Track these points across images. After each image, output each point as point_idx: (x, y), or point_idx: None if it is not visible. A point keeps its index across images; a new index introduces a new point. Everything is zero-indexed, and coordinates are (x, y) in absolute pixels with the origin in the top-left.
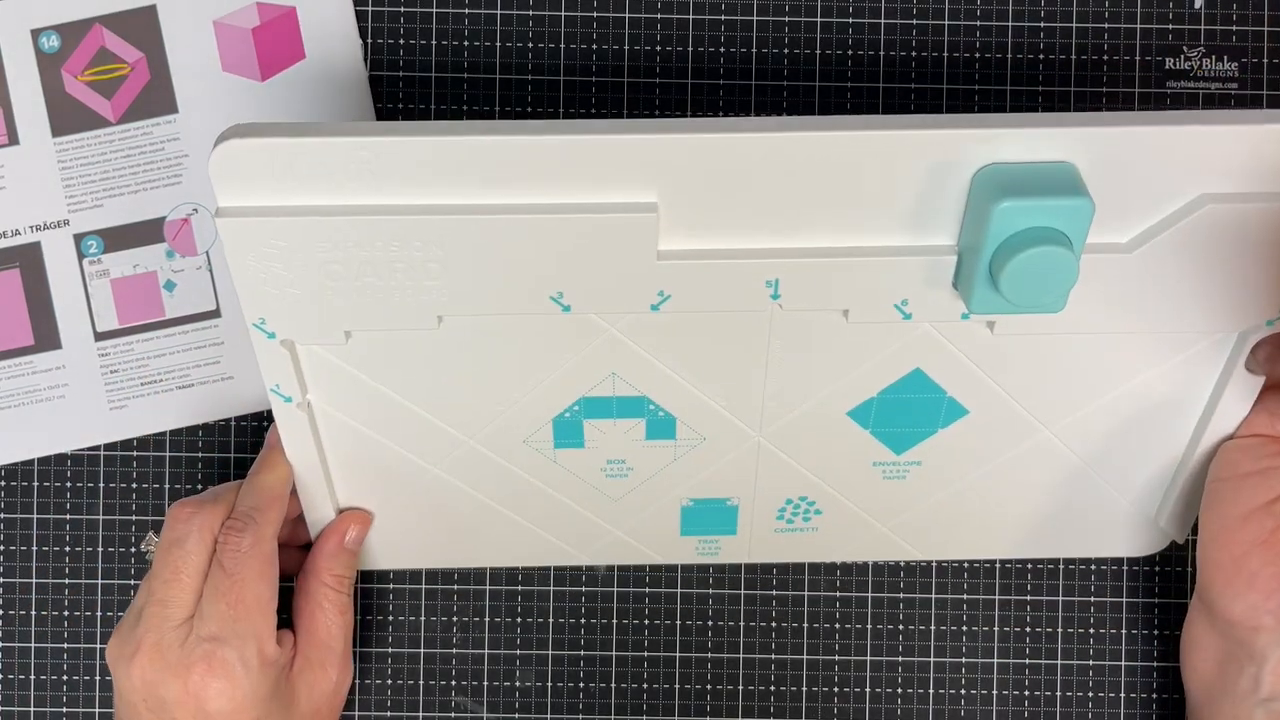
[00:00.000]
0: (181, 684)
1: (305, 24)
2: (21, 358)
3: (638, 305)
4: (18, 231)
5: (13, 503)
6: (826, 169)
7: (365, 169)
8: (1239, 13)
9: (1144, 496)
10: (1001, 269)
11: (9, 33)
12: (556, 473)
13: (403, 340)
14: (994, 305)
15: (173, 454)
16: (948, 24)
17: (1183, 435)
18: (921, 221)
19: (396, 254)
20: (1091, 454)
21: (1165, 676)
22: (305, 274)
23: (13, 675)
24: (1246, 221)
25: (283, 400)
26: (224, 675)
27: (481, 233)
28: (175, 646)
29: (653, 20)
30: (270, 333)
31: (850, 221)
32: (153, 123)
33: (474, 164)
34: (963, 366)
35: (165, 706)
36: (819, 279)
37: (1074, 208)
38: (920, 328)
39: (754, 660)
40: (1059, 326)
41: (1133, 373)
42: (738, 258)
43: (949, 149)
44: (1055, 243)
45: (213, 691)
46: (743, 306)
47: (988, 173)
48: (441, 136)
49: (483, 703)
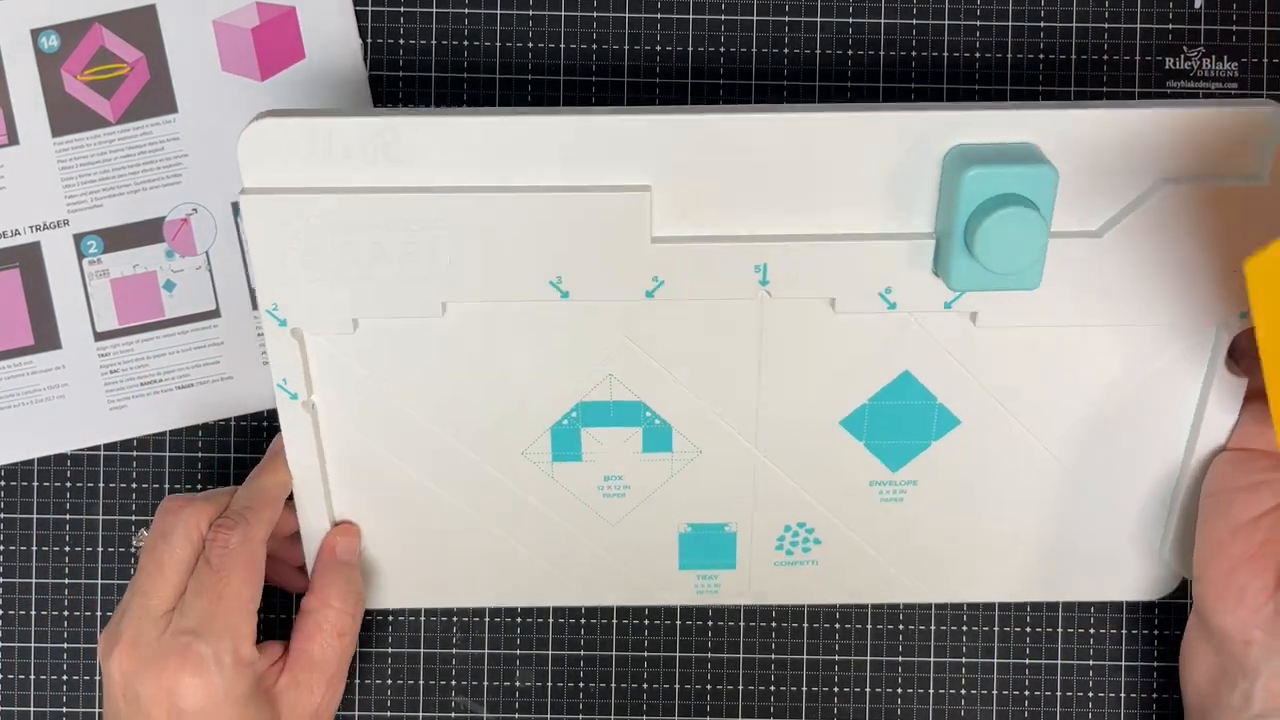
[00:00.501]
0: (155, 678)
1: (305, 24)
2: (21, 358)
3: (633, 291)
4: (17, 231)
5: (13, 503)
6: (808, 152)
7: (384, 151)
8: (1239, 13)
9: (1147, 524)
10: (975, 234)
11: (9, 33)
12: (554, 490)
13: (407, 334)
14: (972, 279)
15: (173, 454)
16: (948, 24)
17: (1176, 450)
18: (900, 207)
19: (406, 236)
20: (1089, 474)
21: (1165, 676)
22: (320, 256)
23: (13, 675)
24: (1203, 203)
25: (288, 397)
26: (198, 671)
27: (486, 212)
28: (153, 639)
29: (653, 20)
30: (282, 320)
31: (834, 208)
32: (152, 122)
33: (483, 145)
34: (950, 368)
35: (140, 701)
36: (805, 264)
37: (1038, 174)
38: (907, 325)
39: (754, 660)
40: (1038, 316)
41: (1117, 377)
42: (728, 241)
43: (920, 130)
44: (1023, 205)
45: (186, 687)
46: (733, 293)
47: (957, 152)
48: (456, 117)
49: (483, 703)
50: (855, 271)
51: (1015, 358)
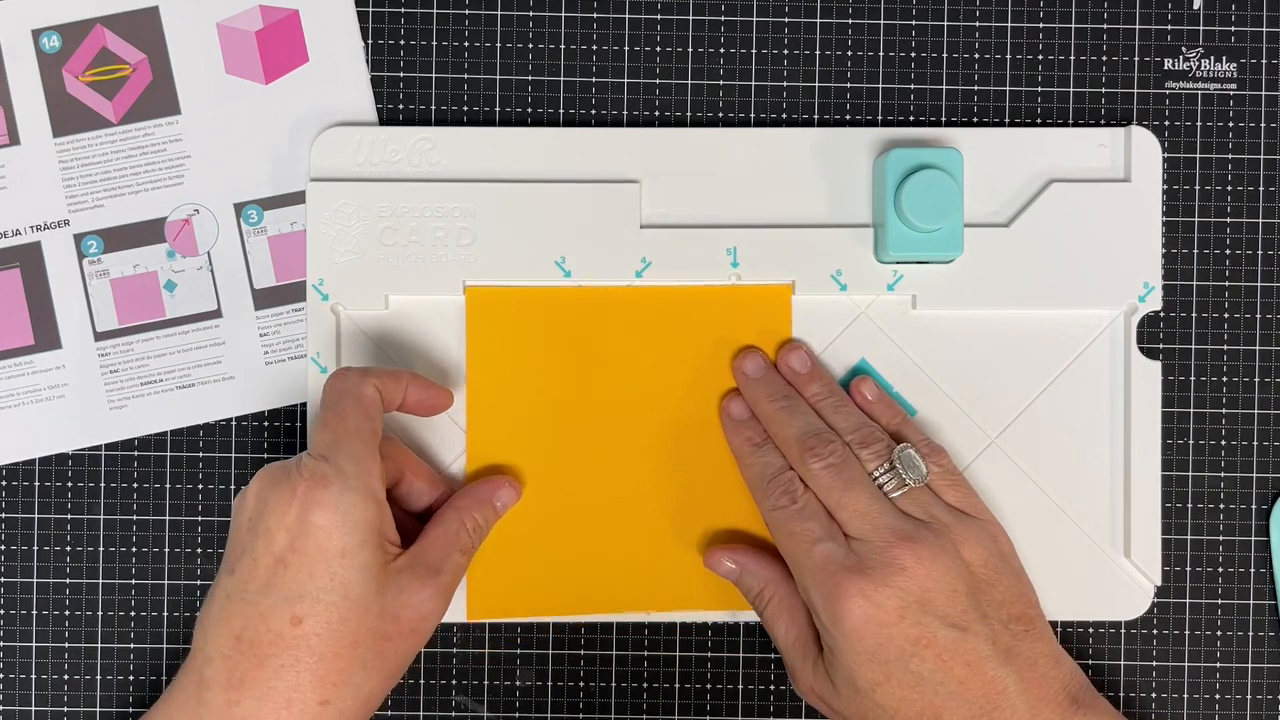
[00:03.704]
0: (288, 492)
1: (308, 26)
2: (21, 357)
3: (625, 271)
4: (18, 231)
5: (13, 503)
6: (766, 159)
7: (425, 156)
8: (1238, 13)
9: (1111, 532)
10: (901, 193)
11: (10, 33)
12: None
13: (427, 318)
14: (904, 243)
15: (173, 454)
16: (947, 24)
17: (1118, 447)
18: (847, 203)
19: (437, 221)
20: (1045, 477)
21: (1165, 676)
22: (364, 238)
23: (13, 675)
24: (1085, 197)
25: (319, 370)
26: (327, 486)
27: (504, 199)
28: (292, 466)
29: (653, 20)
30: (325, 294)
31: (791, 202)
32: (155, 124)
33: (503, 150)
34: (897, 355)
35: (264, 519)
36: (768, 248)
37: (948, 153)
38: (857, 310)
39: (754, 660)
40: (967, 296)
41: (1048, 364)
42: (703, 228)
43: (863, 143)
44: (938, 170)
45: (318, 500)
46: (709, 275)
47: (889, 153)
48: (484, 129)
49: (483, 702)
50: (810, 254)
51: (954, 344)
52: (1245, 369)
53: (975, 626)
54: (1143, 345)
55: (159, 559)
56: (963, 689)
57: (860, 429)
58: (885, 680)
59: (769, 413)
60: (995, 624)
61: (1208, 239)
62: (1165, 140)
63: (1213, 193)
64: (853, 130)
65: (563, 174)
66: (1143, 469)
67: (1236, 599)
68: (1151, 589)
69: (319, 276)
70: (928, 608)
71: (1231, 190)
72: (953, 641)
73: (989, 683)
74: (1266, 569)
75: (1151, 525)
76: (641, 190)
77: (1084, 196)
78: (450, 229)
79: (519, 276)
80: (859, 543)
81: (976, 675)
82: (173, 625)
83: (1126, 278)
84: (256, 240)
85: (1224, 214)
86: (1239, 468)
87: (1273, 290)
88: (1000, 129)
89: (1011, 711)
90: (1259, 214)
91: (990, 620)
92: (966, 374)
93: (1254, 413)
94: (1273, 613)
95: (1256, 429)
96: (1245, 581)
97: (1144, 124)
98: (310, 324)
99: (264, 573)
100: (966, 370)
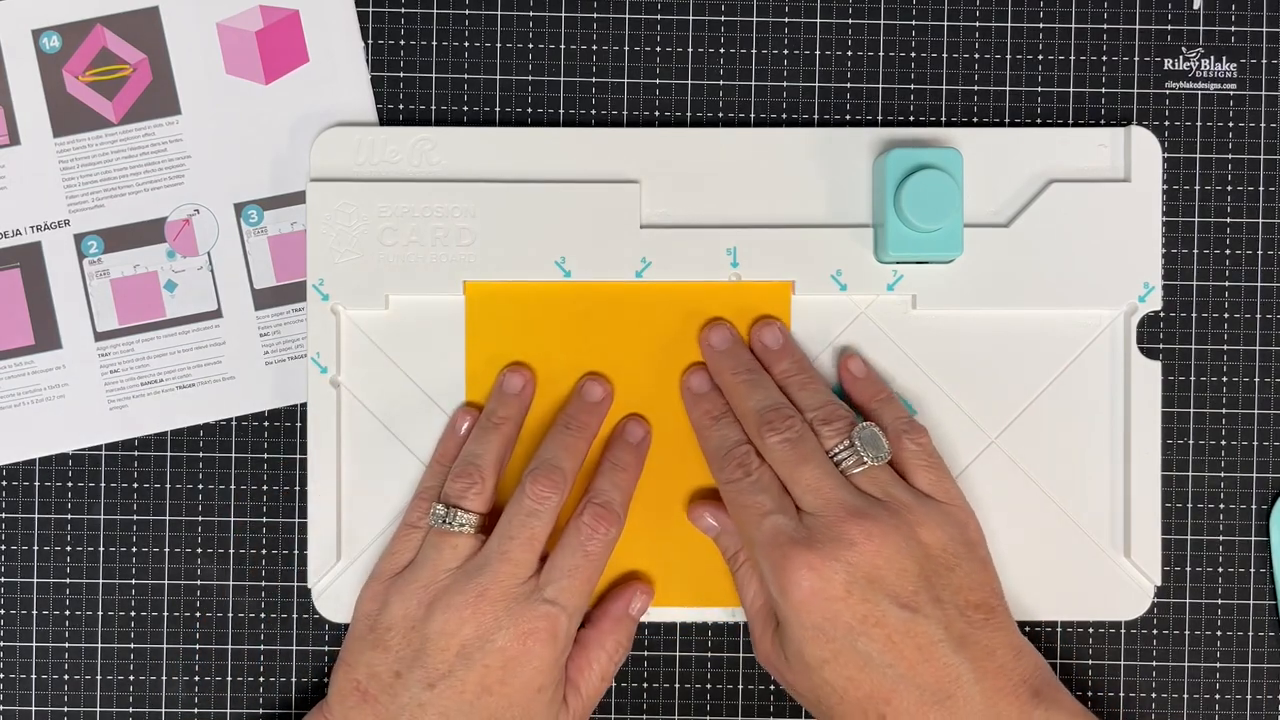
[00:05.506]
0: (513, 629)
1: (308, 27)
2: (21, 358)
3: (625, 271)
4: (18, 231)
5: (13, 503)
6: (766, 159)
7: (425, 156)
8: (1238, 13)
9: (1111, 532)
10: (901, 193)
11: (10, 33)
12: None
13: (427, 318)
14: (904, 243)
15: (173, 454)
16: (947, 24)
17: (1118, 446)
18: (847, 203)
19: (437, 221)
20: (1045, 477)
21: (1165, 676)
22: (364, 237)
23: (13, 675)
24: (1085, 199)
25: (319, 370)
26: (550, 640)
27: (505, 198)
28: (523, 599)
29: (653, 20)
30: (325, 294)
31: (791, 202)
32: (155, 124)
33: (503, 150)
34: (898, 355)
35: (483, 652)
36: (768, 248)
37: (947, 153)
38: (859, 313)
39: (754, 660)
40: (967, 296)
41: (1049, 366)
42: (703, 228)
43: (863, 143)
44: (938, 170)
45: (536, 650)
46: (709, 274)
47: (888, 153)
48: (484, 129)
49: None
50: (810, 254)
51: (954, 344)
52: (1245, 369)
53: (927, 609)
54: (1143, 345)
55: (159, 559)
56: (913, 673)
57: (824, 407)
58: (833, 658)
59: (731, 385)
60: (950, 609)
61: (1208, 239)
62: (1165, 140)
63: (1213, 193)
64: (853, 130)
65: (563, 174)
66: (1143, 469)
67: (1236, 599)
68: (1151, 589)
69: (319, 276)
70: (876, 585)
71: (1231, 190)
72: (903, 622)
73: (941, 669)
74: (1266, 569)
75: (1151, 525)
76: (641, 190)
77: (1084, 196)
78: (450, 229)
79: (519, 276)
80: (810, 517)
81: (928, 660)
82: (172, 625)
83: (1126, 278)
84: (256, 240)
85: (1224, 214)
86: (1239, 468)
87: (1273, 290)
88: (1000, 129)
89: (966, 700)
90: (1259, 214)
91: (945, 604)
92: (966, 374)
93: (1254, 413)
94: (1273, 613)
95: (1256, 429)
96: (1245, 581)
97: (1144, 124)
98: (310, 324)
99: (470, 694)
100: (966, 370)
